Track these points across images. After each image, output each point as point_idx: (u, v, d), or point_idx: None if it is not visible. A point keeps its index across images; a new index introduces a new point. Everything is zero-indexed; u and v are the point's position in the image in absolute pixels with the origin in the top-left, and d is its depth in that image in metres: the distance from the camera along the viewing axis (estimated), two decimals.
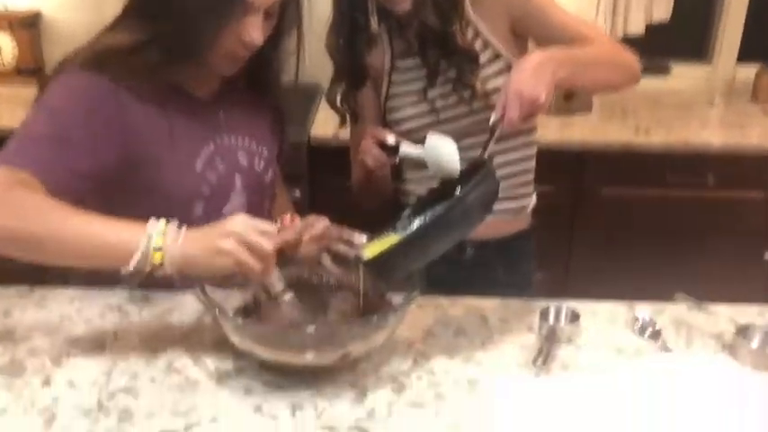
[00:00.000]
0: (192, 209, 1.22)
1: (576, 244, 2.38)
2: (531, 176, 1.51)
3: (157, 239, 0.97)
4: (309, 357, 1.01)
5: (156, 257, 0.96)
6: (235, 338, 1.03)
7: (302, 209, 2.22)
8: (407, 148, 1.23)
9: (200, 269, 0.99)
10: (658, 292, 1.32)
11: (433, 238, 1.02)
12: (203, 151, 1.23)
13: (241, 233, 0.98)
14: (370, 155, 1.27)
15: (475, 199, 1.03)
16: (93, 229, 0.98)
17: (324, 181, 2.25)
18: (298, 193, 2.25)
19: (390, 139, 1.24)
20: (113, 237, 0.98)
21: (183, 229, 0.99)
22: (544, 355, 1.09)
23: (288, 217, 1.28)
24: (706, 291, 1.31)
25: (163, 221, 0.99)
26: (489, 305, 1.27)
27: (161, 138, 1.18)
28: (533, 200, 1.54)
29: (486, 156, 1.16)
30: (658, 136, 2.33)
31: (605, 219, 2.34)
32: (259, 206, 1.35)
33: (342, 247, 1.22)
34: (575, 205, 2.33)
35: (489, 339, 1.17)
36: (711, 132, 2.46)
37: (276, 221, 1.33)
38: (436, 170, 1.17)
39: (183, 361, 1.09)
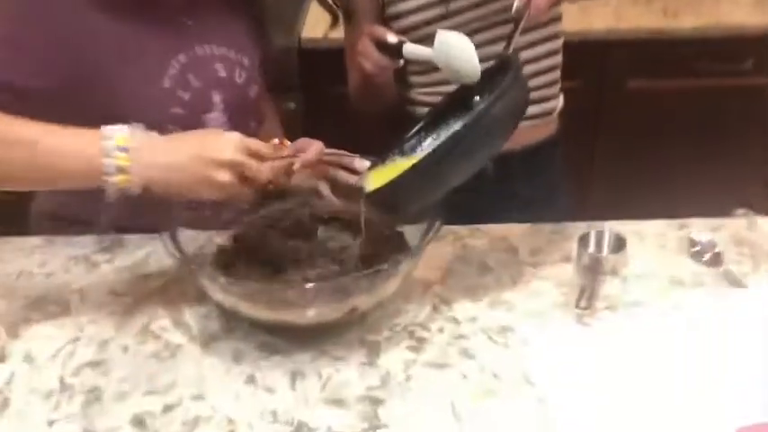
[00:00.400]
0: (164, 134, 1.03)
1: (601, 148, 2.16)
2: (557, 74, 1.30)
3: (121, 158, 0.81)
4: (309, 315, 0.84)
5: (121, 180, 0.82)
6: (219, 297, 0.86)
7: (296, 123, 2.04)
8: (413, 49, 1.01)
9: (175, 193, 0.84)
10: (699, 201, 1.14)
11: (452, 162, 0.82)
12: (172, 64, 1.04)
13: (240, 163, 0.83)
14: (368, 57, 1.06)
15: (502, 109, 0.83)
16: (48, 142, 0.83)
17: (319, 89, 2.02)
18: (292, 105, 2.04)
19: (391, 37, 1.02)
20: (70, 147, 0.83)
21: (154, 137, 0.84)
22: (588, 293, 0.92)
23: (274, 141, 1.09)
24: (755, 198, 1.13)
25: (125, 127, 0.83)
26: (517, 232, 1.09)
27: (118, 48, 0.99)
28: (560, 101, 1.33)
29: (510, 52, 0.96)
30: (688, 19, 2.07)
31: (633, 116, 2.11)
32: (244, 127, 1.16)
33: (341, 175, 1.03)
34: (598, 102, 2.10)
35: (520, 275, 0.99)
36: (747, 12, 2.20)
37: None
38: (449, 74, 0.96)
39: (162, 322, 0.92)
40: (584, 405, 0.77)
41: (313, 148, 1.02)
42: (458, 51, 0.94)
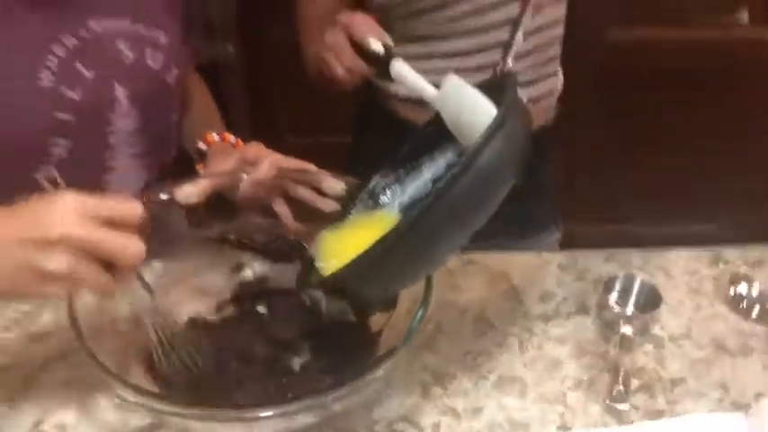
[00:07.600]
0: (49, 150, 0.79)
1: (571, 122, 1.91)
2: (558, 48, 1.06)
3: None
4: None
5: None
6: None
7: (235, 70, 1.76)
8: (406, 73, 0.73)
9: None
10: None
11: (431, 237, 0.57)
12: (53, 52, 0.76)
13: (82, 237, 0.53)
14: (340, 59, 0.79)
15: (494, 158, 0.57)
16: None
17: (263, 27, 1.72)
18: (231, 48, 1.76)
19: (375, 44, 0.75)
20: None
21: None
22: (623, 376, 0.72)
23: (213, 137, 0.89)
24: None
25: None
26: (519, 265, 0.88)
27: None
28: (560, 79, 1.10)
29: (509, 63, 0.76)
30: None
31: (608, 71, 1.86)
32: (162, 125, 0.92)
33: (303, 193, 0.79)
34: (568, 54, 1.85)
35: (529, 338, 0.79)
36: None
37: (199, 145, 0.92)
38: (453, 128, 0.71)
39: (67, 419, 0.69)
40: None
41: (265, 163, 0.78)
42: (468, 109, 0.68)
